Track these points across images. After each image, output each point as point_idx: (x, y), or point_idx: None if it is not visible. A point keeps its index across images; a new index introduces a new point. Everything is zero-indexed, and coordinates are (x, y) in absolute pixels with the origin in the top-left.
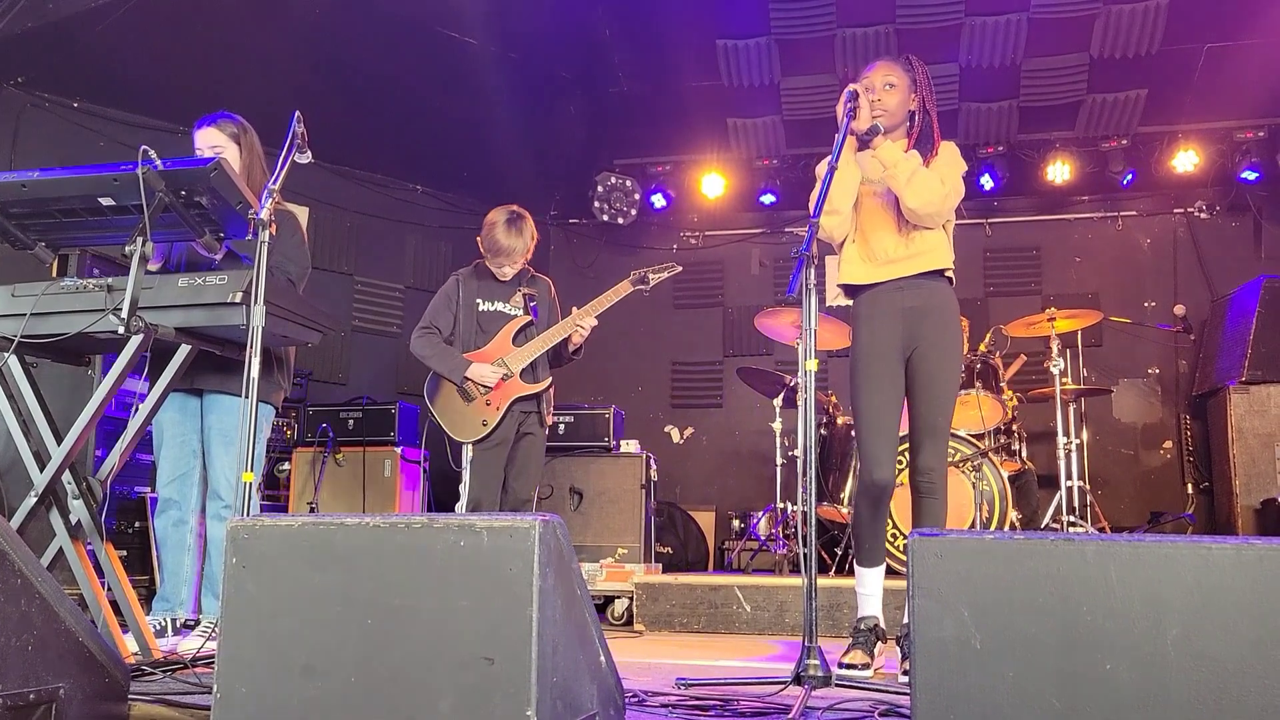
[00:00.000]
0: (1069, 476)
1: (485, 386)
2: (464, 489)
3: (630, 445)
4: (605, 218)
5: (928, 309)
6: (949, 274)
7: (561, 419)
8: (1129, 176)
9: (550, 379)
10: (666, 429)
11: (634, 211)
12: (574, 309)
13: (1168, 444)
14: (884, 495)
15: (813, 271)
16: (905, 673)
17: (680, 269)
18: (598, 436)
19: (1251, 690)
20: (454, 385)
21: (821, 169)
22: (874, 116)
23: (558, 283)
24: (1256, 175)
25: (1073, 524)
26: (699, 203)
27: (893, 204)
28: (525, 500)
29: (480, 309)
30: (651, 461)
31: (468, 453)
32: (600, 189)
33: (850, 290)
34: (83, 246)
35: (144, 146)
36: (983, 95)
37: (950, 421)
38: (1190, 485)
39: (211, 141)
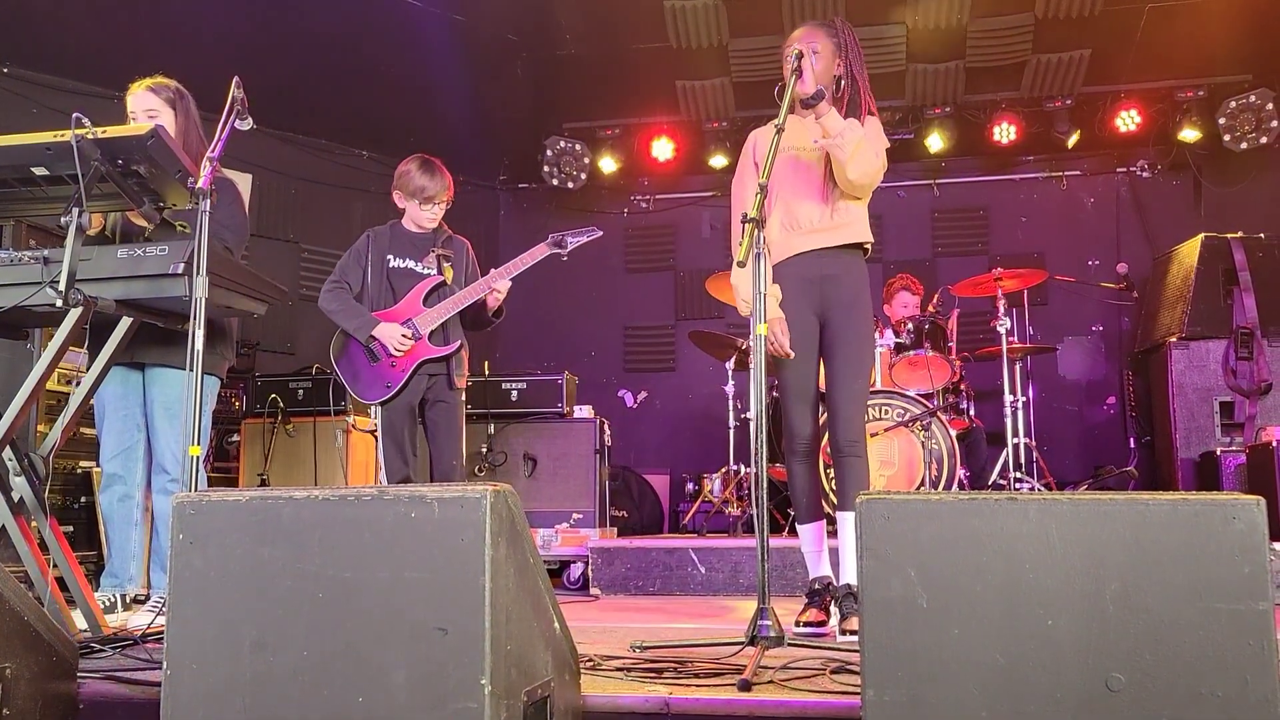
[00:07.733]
0: (1015, 433)
1: (393, 348)
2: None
3: (584, 410)
4: (555, 182)
5: (842, 278)
6: (866, 246)
7: (514, 385)
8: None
9: (461, 341)
10: (620, 393)
11: (584, 175)
12: (493, 270)
13: (1111, 399)
14: (809, 449)
15: (762, 236)
16: (845, 631)
17: (601, 234)
18: (550, 402)
19: (1187, 640)
20: (360, 344)
21: (763, 137)
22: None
23: (507, 247)
24: (1196, 134)
25: (1019, 480)
26: (649, 166)
27: (820, 173)
28: (452, 468)
29: (391, 265)
30: (605, 426)
31: (377, 414)
32: (549, 153)
33: None
34: (17, 218)
35: (77, 114)
36: (930, 56)
37: (868, 383)
38: (1132, 439)
39: (146, 105)
